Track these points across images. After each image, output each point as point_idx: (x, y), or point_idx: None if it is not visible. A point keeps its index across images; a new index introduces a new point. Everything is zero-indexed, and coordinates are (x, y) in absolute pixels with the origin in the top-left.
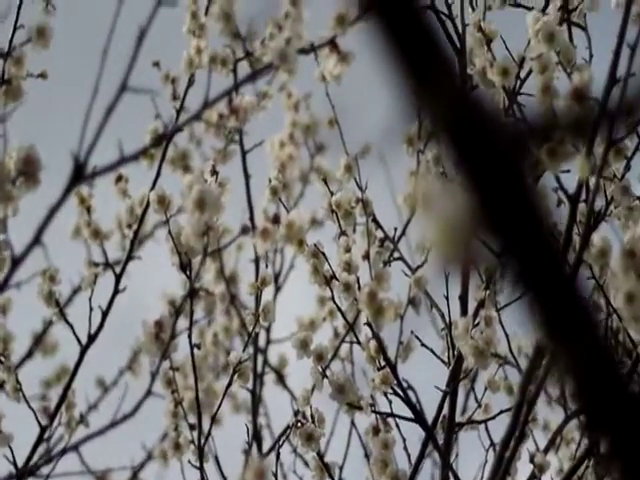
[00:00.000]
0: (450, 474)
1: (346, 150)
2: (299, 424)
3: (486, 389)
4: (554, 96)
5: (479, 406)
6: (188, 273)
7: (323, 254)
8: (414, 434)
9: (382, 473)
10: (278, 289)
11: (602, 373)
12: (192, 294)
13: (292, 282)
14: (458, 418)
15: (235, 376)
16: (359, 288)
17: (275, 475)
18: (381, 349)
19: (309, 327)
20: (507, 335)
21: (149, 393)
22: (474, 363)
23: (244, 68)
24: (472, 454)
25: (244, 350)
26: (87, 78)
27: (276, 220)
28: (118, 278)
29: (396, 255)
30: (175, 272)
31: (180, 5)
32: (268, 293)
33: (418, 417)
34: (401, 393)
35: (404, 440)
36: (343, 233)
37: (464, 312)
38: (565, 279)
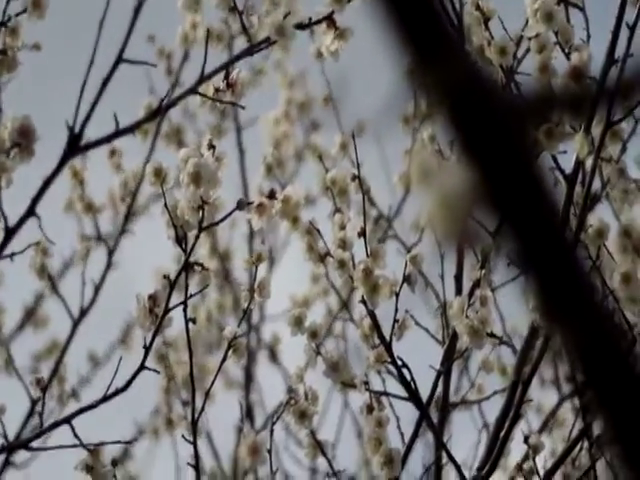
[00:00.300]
0: (443, 453)
1: (341, 128)
2: (292, 402)
3: (480, 369)
4: (552, 75)
5: (472, 386)
6: (183, 247)
7: (318, 231)
8: (408, 413)
9: (375, 452)
10: (273, 265)
11: (605, 350)
12: (187, 268)
13: (286, 259)
14: (452, 398)
15: (229, 352)
16: (354, 266)
17: (269, 452)
18: (376, 327)
19: (303, 304)
20: (502, 315)
21: (142, 368)
22: (469, 343)
23: (240, 43)
24: (466, 434)
25: (238, 326)
26: (83, 50)
27: (272, 195)
28: (111, 252)
29: (391, 233)
30: (169, 246)
31: None
32: (263, 269)
33: (412, 396)
34: (395, 372)
35: (398, 419)
36: (338, 210)
37: (459, 291)
38: (568, 254)
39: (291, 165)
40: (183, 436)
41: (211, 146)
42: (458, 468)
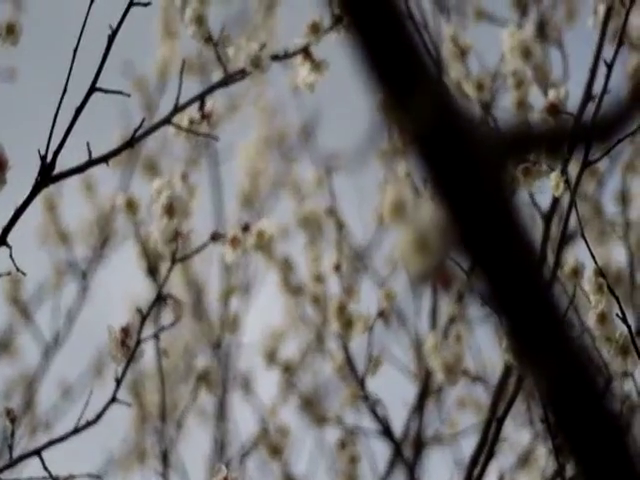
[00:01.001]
0: None
1: (316, 161)
2: (265, 435)
3: (454, 406)
4: (529, 111)
5: (446, 422)
6: (155, 278)
7: (292, 265)
8: (382, 449)
9: None
10: (247, 298)
11: (579, 390)
12: (159, 300)
13: (262, 291)
14: (426, 434)
15: (201, 384)
16: (328, 300)
17: None
18: (349, 362)
19: (277, 337)
20: (477, 352)
21: (113, 400)
22: (443, 379)
23: (216, 73)
24: (440, 471)
25: (211, 358)
26: (56, 78)
27: (246, 229)
28: (85, 281)
29: (366, 267)
30: (142, 278)
31: (153, 6)
32: (236, 302)
33: (385, 431)
34: (369, 407)
35: (371, 455)
36: (312, 244)
37: (434, 327)
38: (543, 294)
39: (266, 197)
40: (154, 469)
41: (185, 177)
42: None
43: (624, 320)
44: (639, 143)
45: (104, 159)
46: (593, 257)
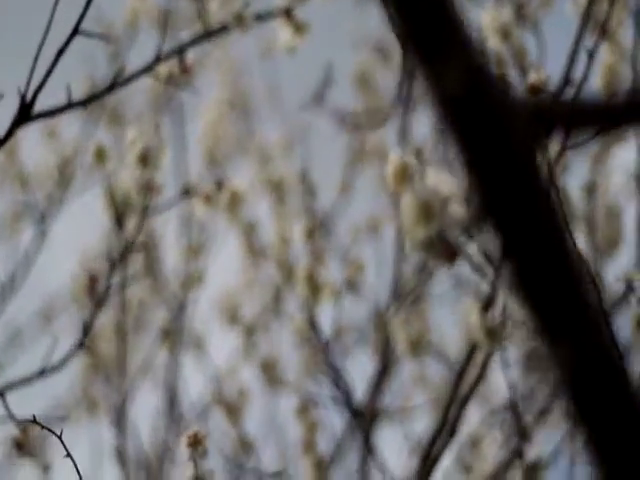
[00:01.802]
0: (373, 459)
1: (285, 124)
2: (220, 397)
3: (412, 381)
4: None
5: (402, 397)
6: (122, 229)
7: (256, 227)
8: (340, 417)
9: (306, 454)
10: (208, 257)
11: (606, 382)
12: (125, 251)
13: (223, 251)
14: (383, 406)
15: (161, 340)
16: (293, 266)
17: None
18: (314, 329)
19: (237, 298)
20: (440, 329)
21: (81, 345)
22: (404, 352)
23: (196, 27)
24: (394, 445)
25: (169, 315)
26: (39, 19)
27: (220, 186)
28: (43, 226)
29: (333, 235)
30: (100, 226)
31: None
32: (199, 260)
33: (345, 400)
34: (329, 375)
35: (329, 423)
36: (278, 208)
37: (397, 299)
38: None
39: (228, 158)
40: (105, 420)
41: (157, 129)
42: (385, 473)
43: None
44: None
45: (83, 103)
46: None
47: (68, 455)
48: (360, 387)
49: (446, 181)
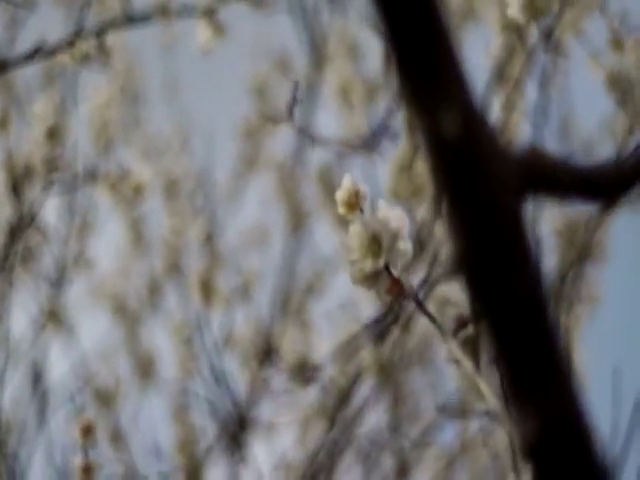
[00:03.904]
0: (243, 466)
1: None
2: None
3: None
4: None
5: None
6: (21, 200)
7: (146, 219)
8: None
9: (180, 454)
10: (90, 241)
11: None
12: (21, 222)
13: (108, 237)
14: (257, 417)
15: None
16: (180, 262)
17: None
18: (201, 332)
19: (117, 286)
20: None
21: None
22: (287, 368)
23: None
24: (267, 454)
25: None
26: None
27: (125, 175)
28: None
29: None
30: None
31: None
32: (81, 242)
33: (222, 406)
34: (211, 380)
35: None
36: (170, 202)
37: (283, 311)
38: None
39: (118, 145)
40: None
41: (63, 104)
42: None
43: None
44: None
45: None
46: None
47: None
48: (239, 395)
49: (397, 215)
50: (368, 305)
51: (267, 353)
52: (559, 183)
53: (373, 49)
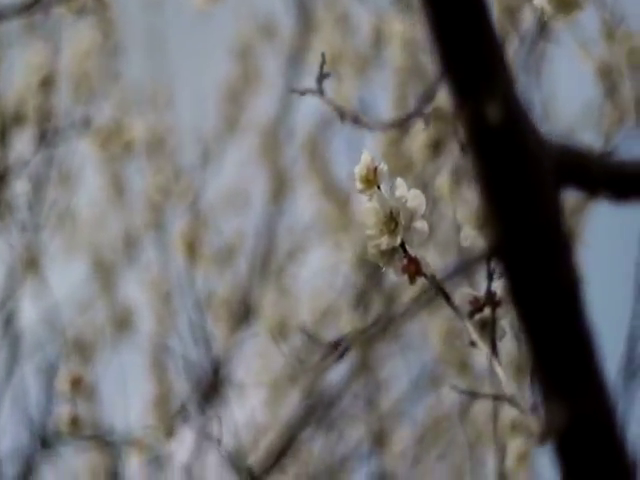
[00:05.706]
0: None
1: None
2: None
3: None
4: None
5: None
6: (5, 145)
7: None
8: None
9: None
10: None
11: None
12: (6, 170)
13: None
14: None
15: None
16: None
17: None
18: (183, 290)
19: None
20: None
21: None
22: (266, 330)
23: None
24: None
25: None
26: None
27: (118, 132)
28: None
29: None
30: None
31: None
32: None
33: (197, 364)
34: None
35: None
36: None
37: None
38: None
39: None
40: None
41: (56, 54)
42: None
43: None
44: None
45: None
46: None
47: None
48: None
49: (415, 194)
50: (346, 273)
51: (245, 314)
52: (593, 177)
53: (362, 17)
